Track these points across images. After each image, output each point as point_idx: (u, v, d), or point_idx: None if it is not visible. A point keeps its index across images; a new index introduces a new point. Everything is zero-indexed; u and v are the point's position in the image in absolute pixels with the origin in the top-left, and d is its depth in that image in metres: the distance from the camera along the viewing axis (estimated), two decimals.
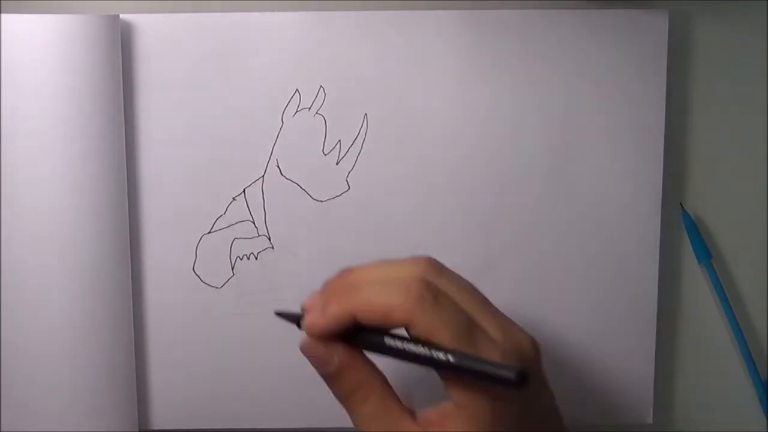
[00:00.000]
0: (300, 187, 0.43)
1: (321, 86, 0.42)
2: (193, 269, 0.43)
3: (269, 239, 0.43)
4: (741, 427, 0.45)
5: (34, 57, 0.40)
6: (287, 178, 0.43)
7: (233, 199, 0.43)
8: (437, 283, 0.33)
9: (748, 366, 0.44)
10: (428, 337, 0.31)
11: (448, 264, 0.36)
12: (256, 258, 0.43)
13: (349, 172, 0.43)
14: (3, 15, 0.41)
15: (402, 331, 0.32)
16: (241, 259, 0.43)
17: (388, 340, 0.32)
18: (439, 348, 0.31)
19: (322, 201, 0.43)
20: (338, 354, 0.33)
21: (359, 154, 0.43)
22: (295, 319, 0.35)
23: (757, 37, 0.44)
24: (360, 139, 0.43)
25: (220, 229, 0.43)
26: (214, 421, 0.44)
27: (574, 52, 0.42)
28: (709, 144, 0.44)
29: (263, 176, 0.43)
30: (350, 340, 0.33)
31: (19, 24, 0.40)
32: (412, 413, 0.33)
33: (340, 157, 0.43)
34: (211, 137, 0.42)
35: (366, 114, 0.43)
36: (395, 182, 0.43)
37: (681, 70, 0.44)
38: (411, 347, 0.31)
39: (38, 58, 0.40)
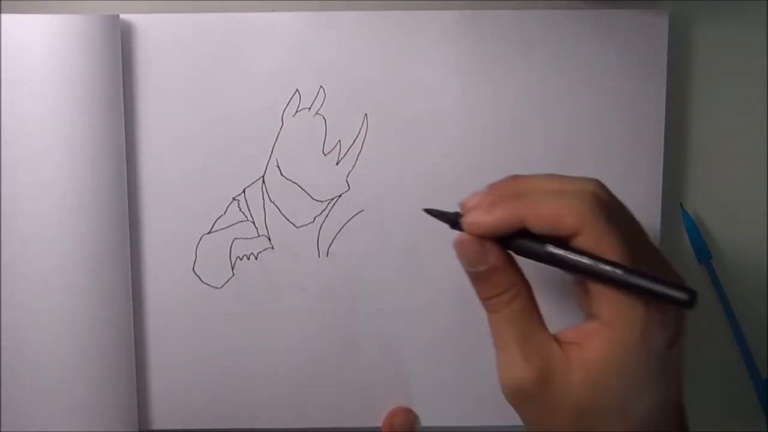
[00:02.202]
0: (300, 187, 0.43)
1: (321, 86, 0.42)
2: (193, 269, 0.43)
3: (269, 239, 0.43)
4: (741, 427, 0.45)
5: (34, 57, 0.40)
6: (287, 178, 0.43)
7: (233, 199, 0.43)
8: (610, 201, 0.32)
9: (748, 366, 0.44)
10: (595, 249, 0.31)
11: (448, 262, 0.37)
12: (256, 258, 0.43)
13: (349, 172, 0.43)
14: (3, 15, 0.41)
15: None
16: (241, 259, 0.43)
17: (550, 248, 0.31)
18: (603, 260, 0.30)
19: (322, 201, 0.43)
20: (493, 254, 0.33)
21: (359, 154, 0.43)
22: (447, 218, 0.35)
23: (757, 37, 0.44)
24: (360, 139, 0.43)
25: (220, 229, 0.43)
26: (214, 421, 0.44)
27: (574, 52, 0.42)
28: (709, 144, 0.44)
29: (263, 176, 0.43)
30: (506, 244, 0.33)
31: (19, 24, 0.40)
32: (553, 337, 0.32)
33: (340, 157, 0.43)
34: (211, 137, 0.42)
35: (366, 114, 0.43)
36: (395, 182, 0.43)
37: (681, 70, 0.44)
38: (575, 257, 0.31)
39: (38, 58, 0.40)
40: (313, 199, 0.43)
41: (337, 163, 0.43)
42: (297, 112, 0.43)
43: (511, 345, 0.33)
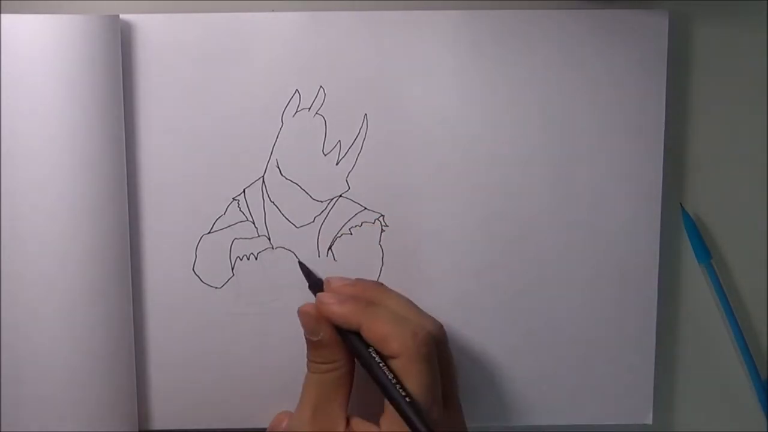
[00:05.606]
0: (300, 187, 0.43)
1: (321, 86, 0.42)
2: (193, 269, 0.43)
3: (269, 239, 0.43)
4: (741, 427, 0.45)
5: (34, 57, 0.40)
6: (287, 178, 0.43)
7: (233, 199, 0.43)
8: (440, 344, 0.38)
9: (748, 366, 0.44)
10: (404, 376, 0.36)
11: (448, 262, 0.41)
12: (256, 258, 0.43)
13: (349, 172, 0.43)
14: (3, 15, 0.41)
15: None
16: (241, 259, 0.43)
17: (373, 353, 0.37)
18: (403, 387, 0.36)
19: (322, 201, 0.43)
20: (325, 332, 0.38)
21: (359, 154, 0.43)
22: (310, 280, 0.42)
23: (757, 37, 0.44)
24: (360, 139, 0.43)
25: (220, 230, 0.43)
26: (214, 421, 0.44)
27: (574, 52, 0.42)
28: (709, 144, 0.44)
29: (263, 176, 0.43)
30: (342, 334, 0.38)
31: (19, 24, 0.40)
32: (345, 417, 0.38)
33: (340, 157, 0.43)
34: (211, 137, 0.42)
35: (366, 114, 0.43)
36: (395, 182, 0.43)
37: (681, 70, 0.44)
38: (385, 371, 0.36)
39: (38, 58, 0.40)
40: (313, 199, 0.43)
41: (337, 163, 0.43)
42: (297, 112, 0.43)
43: (307, 405, 0.38)
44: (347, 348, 0.39)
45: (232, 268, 0.43)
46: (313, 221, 0.43)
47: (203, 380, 0.43)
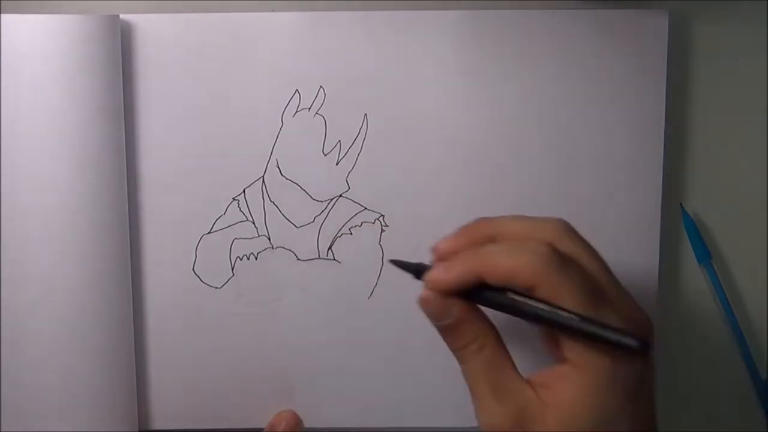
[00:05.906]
0: (300, 187, 0.43)
1: (321, 86, 0.42)
2: (193, 269, 0.43)
3: (269, 239, 0.43)
4: (741, 427, 0.45)
5: (34, 57, 0.40)
6: (287, 178, 0.43)
7: (233, 199, 0.43)
8: (566, 248, 0.33)
9: (748, 366, 0.44)
10: (553, 300, 0.31)
11: None
12: (256, 258, 0.43)
13: (349, 172, 0.43)
14: (3, 15, 0.41)
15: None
16: (241, 259, 0.43)
17: (511, 296, 0.32)
18: (562, 309, 0.31)
19: (322, 201, 0.43)
20: (456, 308, 0.33)
21: (359, 154, 0.43)
22: (411, 270, 0.35)
23: (757, 37, 0.44)
24: (360, 139, 0.43)
25: (220, 230, 0.43)
26: (214, 421, 0.44)
27: (573, 52, 0.42)
28: (709, 144, 0.44)
29: (263, 176, 0.43)
30: (469, 295, 0.33)
31: (19, 24, 0.40)
32: (525, 380, 0.33)
33: (340, 157, 0.43)
34: (211, 137, 0.42)
35: (366, 114, 0.43)
36: (395, 182, 0.43)
37: (681, 70, 0.44)
38: (534, 305, 0.31)
39: (38, 58, 0.40)
40: (313, 199, 0.43)
41: (337, 163, 0.43)
42: (297, 112, 0.43)
43: (485, 392, 0.33)
44: (482, 317, 0.34)
45: (232, 268, 0.43)
46: (313, 221, 0.43)
47: (203, 380, 0.43)
